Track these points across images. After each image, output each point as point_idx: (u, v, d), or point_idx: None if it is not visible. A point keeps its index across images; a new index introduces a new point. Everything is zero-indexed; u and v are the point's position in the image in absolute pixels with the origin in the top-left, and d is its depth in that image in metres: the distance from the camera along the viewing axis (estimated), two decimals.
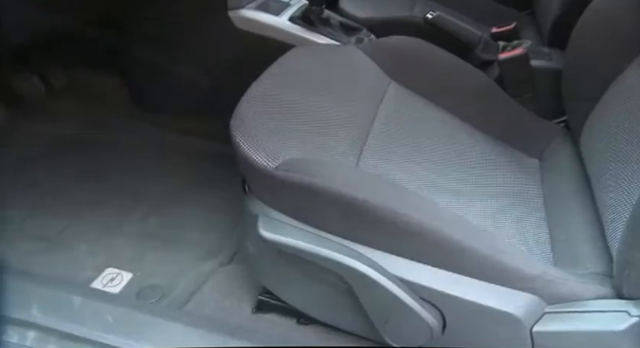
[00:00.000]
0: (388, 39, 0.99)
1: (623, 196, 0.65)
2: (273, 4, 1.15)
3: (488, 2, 1.52)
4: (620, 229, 0.61)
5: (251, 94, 0.78)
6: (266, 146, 0.67)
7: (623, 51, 0.83)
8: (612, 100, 0.82)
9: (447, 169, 0.80)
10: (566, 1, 1.15)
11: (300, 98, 0.79)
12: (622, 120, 0.76)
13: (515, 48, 1.00)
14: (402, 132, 0.83)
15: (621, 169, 0.68)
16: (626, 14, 0.85)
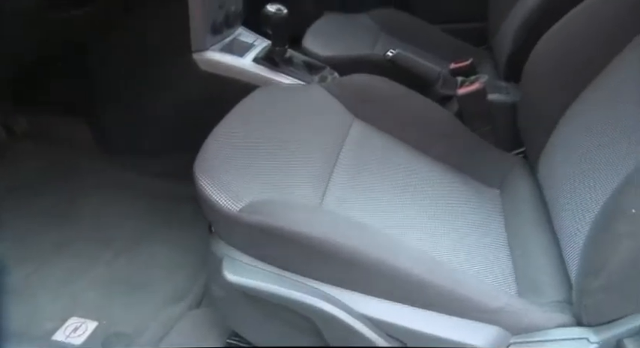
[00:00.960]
0: (351, 77, 1.02)
1: (579, 225, 0.67)
2: (237, 46, 1.18)
3: (447, 38, 1.57)
4: (577, 256, 0.63)
5: (215, 136, 0.79)
6: (230, 189, 0.68)
7: (575, 79, 0.86)
8: (567, 128, 0.85)
9: (410, 204, 0.82)
10: (518, 36, 1.21)
11: (264, 139, 0.80)
12: (577, 148, 0.79)
13: (473, 83, 1.04)
14: (365, 168, 0.84)
15: (576, 199, 0.71)
16: (576, 43, 0.89)
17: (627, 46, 0.81)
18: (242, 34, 1.23)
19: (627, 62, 0.80)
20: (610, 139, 0.72)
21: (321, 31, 1.42)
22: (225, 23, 1.14)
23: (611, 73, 0.82)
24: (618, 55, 0.81)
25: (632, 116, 0.69)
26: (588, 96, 0.84)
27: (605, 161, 0.70)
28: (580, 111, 0.84)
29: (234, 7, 1.17)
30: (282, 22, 1.06)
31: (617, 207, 0.53)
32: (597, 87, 0.83)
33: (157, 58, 1.13)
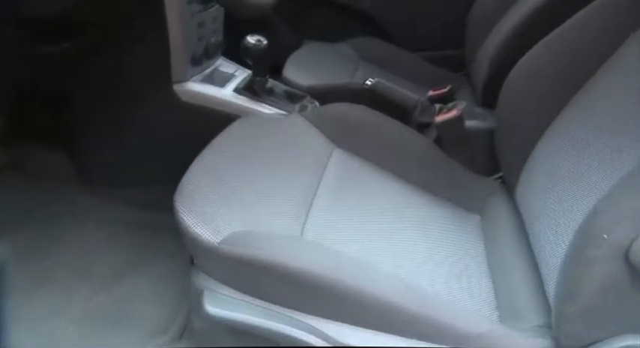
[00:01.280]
0: (330, 106, 1.04)
1: (556, 250, 0.68)
2: (217, 76, 1.19)
3: (426, 65, 1.61)
4: (555, 281, 0.64)
5: (196, 167, 0.79)
6: (210, 221, 0.68)
7: (547, 106, 0.89)
8: (542, 154, 0.87)
9: (391, 231, 0.82)
10: (494, 64, 1.24)
11: (244, 170, 0.81)
12: (552, 173, 0.80)
13: (451, 110, 1.05)
14: (346, 197, 0.85)
15: (553, 223, 0.72)
16: (547, 71, 0.92)
17: (600, 69, 0.84)
18: (222, 64, 1.24)
19: (595, 92, 0.82)
20: (584, 165, 0.74)
21: (301, 60, 1.44)
22: (205, 54, 1.15)
23: (582, 99, 0.84)
24: (583, 87, 0.83)
25: (606, 146, 0.71)
26: (561, 122, 0.86)
27: (579, 187, 0.71)
28: (554, 136, 0.86)
29: (215, 38, 1.19)
30: (262, 53, 1.07)
31: (589, 232, 0.54)
32: (570, 113, 0.85)
33: (137, 90, 1.14)
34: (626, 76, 0.79)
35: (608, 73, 0.83)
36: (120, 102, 1.16)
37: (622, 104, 0.75)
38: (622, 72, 0.80)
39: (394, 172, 0.95)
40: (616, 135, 0.71)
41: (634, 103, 0.72)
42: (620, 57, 0.82)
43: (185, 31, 1.07)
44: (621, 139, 0.69)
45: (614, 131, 0.71)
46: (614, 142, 0.71)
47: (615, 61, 0.82)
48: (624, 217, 0.51)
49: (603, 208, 0.55)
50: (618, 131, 0.70)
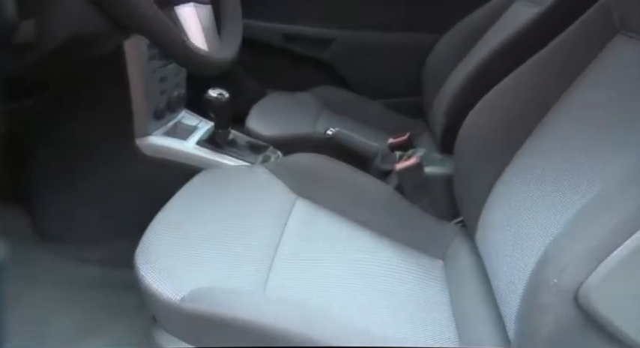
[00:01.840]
0: (293, 157, 1.05)
1: (515, 292, 0.69)
2: (180, 129, 1.20)
3: (387, 112, 1.66)
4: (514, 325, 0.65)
5: (157, 222, 0.79)
6: (171, 277, 0.67)
7: (502, 153, 0.92)
8: (498, 199, 0.89)
9: (354, 280, 0.82)
10: (450, 110, 1.28)
11: (206, 224, 0.80)
12: (508, 217, 0.83)
13: (410, 157, 1.08)
14: (309, 247, 0.86)
15: (510, 266, 0.73)
16: (499, 117, 0.95)
17: (547, 115, 0.88)
18: (185, 117, 1.25)
19: (546, 136, 0.86)
20: (537, 207, 0.76)
21: (264, 110, 1.47)
22: (168, 108, 1.17)
23: (534, 143, 0.88)
24: (534, 131, 0.87)
25: (555, 189, 0.74)
26: (516, 166, 0.89)
27: (533, 228, 0.73)
28: (509, 179, 0.89)
29: (177, 92, 1.20)
30: (224, 106, 1.09)
31: (540, 278, 0.56)
32: (523, 157, 0.88)
33: (99, 145, 1.13)
34: (572, 120, 0.83)
35: (556, 118, 0.87)
36: (81, 157, 1.15)
37: (569, 148, 0.79)
38: (569, 116, 0.84)
39: (357, 220, 0.96)
40: (563, 179, 0.74)
41: (578, 148, 0.76)
42: (566, 100, 0.86)
43: (147, 87, 1.08)
44: (567, 183, 0.72)
45: (560, 175, 0.74)
46: (561, 185, 0.74)
47: (562, 104, 0.87)
48: (571, 262, 0.53)
49: (551, 253, 0.57)
50: (564, 176, 0.73)
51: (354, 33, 1.74)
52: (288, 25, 1.76)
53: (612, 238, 0.53)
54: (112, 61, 1.04)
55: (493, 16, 1.48)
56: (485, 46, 1.34)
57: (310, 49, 1.76)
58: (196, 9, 0.76)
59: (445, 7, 1.69)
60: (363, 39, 1.74)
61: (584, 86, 0.84)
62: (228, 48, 0.85)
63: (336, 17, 1.75)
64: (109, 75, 1.08)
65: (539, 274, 0.56)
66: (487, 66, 1.23)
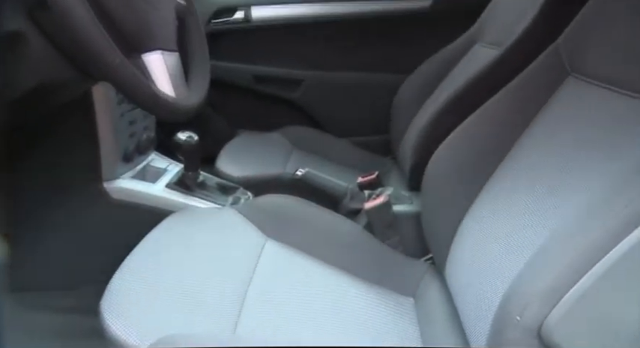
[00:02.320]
0: (262, 198, 1.06)
1: (482, 327, 0.70)
2: (149, 172, 1.20)
3: (356, 150, 1.68)
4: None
5: (124, 269, 0.78)
6: (137, 325, 0.66)
7: (468, 189, 0.94)
8: (464, 238, 0.91)
9: (325, 321, 0.82)
10: (417, 148, 1.30)
11: (174, 269, 0.80)
12: (475, 254, 0.84)
13: (379, 196, 1.10)
14: (279, 289, 0.85)
15: (478, 304, 0.74)
16: (465, 154, 0.98)
17: (509, 153, 0.91)
18: (154, 159, 1.25)
19: (511, 171, 0.88)
20: (502, 242, 0.78)
21: (234, 151, 1.48)
22: (137, 151, 1.16)
23: (498, 181, 0.90)
24: (498, 168, 0.90)
25: (521, 225, 0.76)
26: (480, 204, 0.91)
27: (498, 266, 0.75)
28: (475, 218, 0.90)
29: (146, 135, 1.20)
30: (193, 148, 1.10)
31: (504, 315, 0.57)
32: (487, 196, 0.91)
33: (65, 189, 1.12)
34: (532, 159, 0.85)
35: (518, 156, 0.89)
36: (46, 202, 1.14)
37: (532, 186, 0.81)
38: (530, 154, 0.87)
39: (327, 260, 0.96)
40: (526, 216, 0.76)
41: (540, 186, 0.78)
42: (527, 138, 0.89)
43: (115, 131, 1.08)
44: (530, 220, 0.74)
45: (523, 213, 0.76)
46: (525, 222, 0.76)
47: (523, 142, 0.90)
48: (533, 299, 0.54)
49: (514, 290, 0.58)
50: (527, 213, 0.75)
51: (323, 73, 1.79)
52: (258, 66, 1.79)
53: (572, 274, 0.54)
54: (80, 106, 1.04)
55: (456, 58, 1.53)
56: (449, 86, 1.38)
57: (280, 89, 1.79)
58: (163, 56, 0.77)
59: (410, 49, 1.75)
60: (332, 79, 1.79)
61: (542, 126, 0.87)
62: (196, 94, 0.86)
63: (304, 59, 1.79)
64: (76, 119, 1.07)
65: (504, 311, 0.57)
66: (451, 105, 1.27)
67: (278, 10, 1.77)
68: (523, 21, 1.22)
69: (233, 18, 1.75)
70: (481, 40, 1.47)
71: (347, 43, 1.80)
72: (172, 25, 0.84)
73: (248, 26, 1.76)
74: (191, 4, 0.97)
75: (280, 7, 1.77)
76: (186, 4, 0.94)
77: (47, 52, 0.68)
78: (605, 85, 0.76)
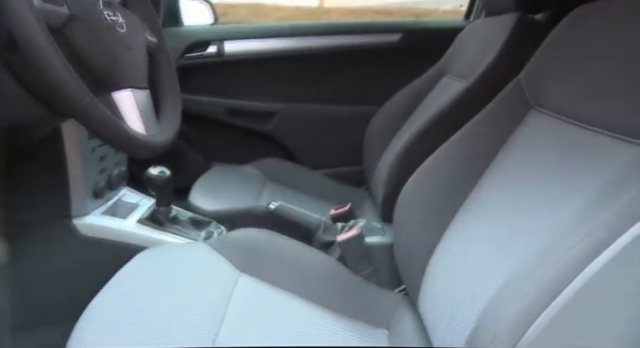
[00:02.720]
0: (235, 232, 1.05)
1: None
2: (121, 207, 1.18)
3: (329, 182, 1.69)
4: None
5: (92, 308, 0.77)
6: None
7: (437, 221, 0.95)
8: (434, 268, 0.91)
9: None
10: (389, 179, 1.32)
11: (145, 307, 0.79)
12: (449, 280, 0.85)
13: (352, 228, 1.11)
14: (252, 325, 0.84)
15: (448, 338, 0.75)
16: (433, 187, 0.99)
17: (478, 183, 0.93)
18: (126, 194, 1.24)
19: (480, 202, 0.90)
20: (473, 272, 0.79)
21: (207, 184, 1.48)
22: (108, 187, 1.15)
23: (469, 211, 0.92)
24: (470, 196, 0.92)
25: (490, 254, 0.77)
26: (451, 235, 0.93)
27: (468, 297, 0.75)
28: (446, 248, 0.92)
29: (118, 170, 1.20)
30: (165, 184, 1.09)
31: (474, 345, 0.57)
32: (458, 225, 0.92)
33: (33, 226, 1.10)
34: (500, 190, 0.87)
35: (485, 187, 0.91)
36: (16, 239, 1.11)
37: (500, 217, 0.83)
38: (497, 185, 0.89)
39: (300, 294, 0.96)
40: (495, 244, 0.77)
41: (508, 217, 0.80)
42: (494, 169, 0.91)
43: (85, 166, 1.07)
44: (499, 249, 0.76)
45: (491, 244, 0.78)
46: (494, 251, 0.77)
47: (491, 172, 0.92)
48: (502, 328, 0.55)
49: (484, 321, 0.59)
50: (494, 245, 0.77)
51: (296, 106, 1.81)
52: (231, 99, 1.80)
53: (539, 302, 0.55)
54: (49, 142, 1.03)
55: (425, 90, 1.57)
56: (419, 118, 1.41)
57: (253, 122, 1.80)
58: (134, 93, 0.78)
59: (381, 81, 1.79)
60: (305, 112, 1.81)
61: (507, 158, 0.89)
62: (167, 130, 0.87)
63: (277, 92, 1.82)
64: (45, 155, 1.06)
65: (474, 342, 0.58)
66: (421, 137, 1.29)
67: (250, 45, 1.80)
68: (488, 54, 1.27)
69: (206, 52, 1.77)
70: (449, 72, 1.51)
71: (319, 76, 1.83)
72: (143, 62, 0.84)
73: (221, 60, 1.78)
74: (162, 41, 0.98)
75: (253, 42, 1.80)
76: (157, 42, 0.95)
77: (17, 91, 0.68)
78: (564, 118, 0.79)
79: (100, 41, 0.73)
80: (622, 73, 0.71)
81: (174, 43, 1.72)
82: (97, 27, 0.72)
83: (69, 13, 0.68)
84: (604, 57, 0.77)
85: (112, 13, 0.76)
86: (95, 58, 0.71)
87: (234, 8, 9.11)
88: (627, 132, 0.65)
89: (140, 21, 0.89)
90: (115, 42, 0.75)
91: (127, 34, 0.79)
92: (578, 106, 0.78)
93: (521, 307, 0.56)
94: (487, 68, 1.24)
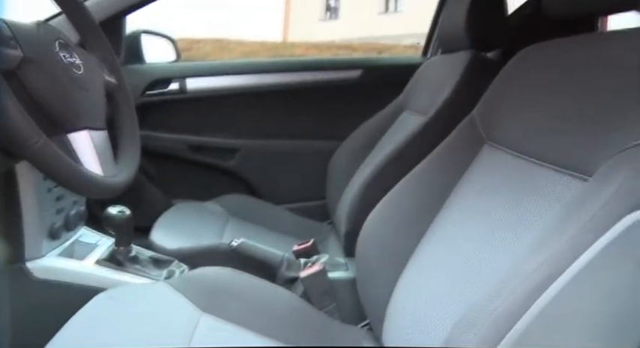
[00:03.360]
0: (197, 271, 1.04)
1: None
2: (78, 248, 1.15)
3: (293, 217, 1.69)
4: None
5: None
6: None
7: (400, 249, 0.96)
8: (401, 296, 0.92)
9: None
10: (351, 214, 1.33)
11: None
12: (408, 316, 0.85)
13: (315, 264, 1.11)
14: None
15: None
16: (392, 221, 1.00)
17: (436, 217, 0.94)
18: (84, 234, 1.21)
19: (438, 236, 0.92)
20: (434, 309, 0.80)
21: (169, 222, 1.46)
22: (64, 227, 1.12)
23: (429, 244, 0.93)
24: (429, 229, 0.93)
25: (452, 288, 0.78)
26: (413, 269, 0.94)
27: (434, 332, 0.76)
28: (408, 283, 0.92)
29: (75, 210, 1.17)
30: (124, 223, 1.07)
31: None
32: (419, 259, 0.93)
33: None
34: (456, 224, 0.89)
35: (443, 221, 0.93)
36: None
37: (457, 252, 0.84)
38: (454, 219, 0.91)
39: (263, 332, 0.94)
40: (451, 278, 0.79)
41: (466, 252, 0.82)
42: (451, 203, 0.93)
43: (41, 207, 1.05)
44: (454, 283, 0.77)
45: (450, 275, 0.79)
46: (450, 286, 0.78)
47: (449, 205, 0.94)
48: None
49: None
50: (453, 276, 0.78)
51: (258, 142, 1.82)
52: (194, 136, 1.80)
53: (493, 336, 0.56)
54: (2, 184, 1.00)
55: (386, 124, 1.60)
56: (380, 152, 1.43)
57: (216, 158, 1.80)
58: (91, 134, 0.77)
59: (342, 116, 1.82)
60: (267, 147, 1.82)
61: (465, 191, 0.92)
62: (125, 171, 0.86)
63: (240, 127, 1.83)
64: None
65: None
66: (382, 171, 1.31)
67: (213, 81, 1.81)
68: (444, 91, 1.31)
69: (168, 89, 1.78)
70: (408, 108, 1.55)
71: (281, 111, 1.85)
72: (101, 103, 0.84)
73: (183, 97, 1.79)
74: (121, 80, 0.98)
75: (215, 78, 1.81)
76: (116, 82, 0.95)
77: None
78: (516, 153, 0.82)
79: (56, 83, 0.72)
80: (566, 110, 0.75)
81: (136, 80, 1.71)
82: (53, 69, 0.72)
83: (23, 56, 0.68)
84: (549, 94, 0.81)
85: (68, 55, 0.76)
86: (50, 100, 0.70)
87: (199, 43, 9.20)
88: (574, 167, 0.68)
89: (98, 61, 0.90)
90: (71, 84, 0.74)
91: (84, 75, 0.78)
92: (527, 141, 0.81)
93: (476, 342, 0.57)
94: (443, 104, 1.28)
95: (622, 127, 0.60)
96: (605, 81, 0.69)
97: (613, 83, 0.67)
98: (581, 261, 0.52)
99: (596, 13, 0.87)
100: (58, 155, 0.66)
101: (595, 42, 0.79)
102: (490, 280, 0.68)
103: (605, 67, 0.71)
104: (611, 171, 0.58)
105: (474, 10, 1.31)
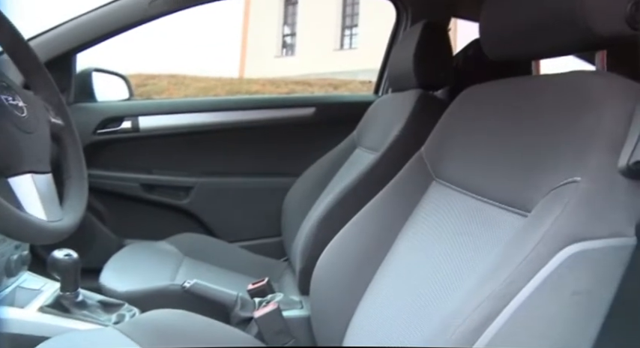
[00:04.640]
0: (148, 314, 1.01)
1: None
2: (20, 295, 1.10)
3: (248, 255, 1.67)
4: None
5: None
6: None
7: (352, 289, 0.96)
8: (354, 334, 0.92)
9: None
10: (305, 251, 1.32)
11: None
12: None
13: (269, 303, 1.09)
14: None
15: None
16: (347, 254, 1.01)
17: (389, 253, 0.95)
18: (27, 280, 1.16)
19: (390, 271, 0.93)
20: (391, 342, 0.80)
21: (120, 263, 1.42)
22: (5, 273, 1.07)
23: (381, 280, 0.94)
24: (384, 261, 0.94)
25: (411, 321, 0.79)
26: (366, 306, 0.94)
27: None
28: (361, 321, 0.93)
29: (17, 254, 1.12)
30: (71, 267, 1.04)
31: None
32: (372, 296, 0.94)
33: None
34: (408, 259, 0.91)
35: (395, 257, 0.94)
36: None
37: (409, 285, 0.85)
38: (406, 255, 0.92)
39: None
40: (404, 312, 0.80)
41: (415, 285, 0.83)
42: (401, 239, 0.95)
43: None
44: (409, 318, 0.78)
45: (403, 309, 0.80)
46: (405, 320, 0.79)
47: (400, 242, 0.95)
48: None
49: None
50: (408, 309, 0.79)
51: (212, 180, 1.81)
52: (146, 174, 1.78)
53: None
54: None
55: (339, 161, 1.63)
56: (333, 189, 1.45)
57: (169, 196, 1.78)
58: (33, 178, 0.75)
59: (296, 154, 1.83)
60: (222, 185, 1.81)
61: (415, 227, 0.94)
62: (71, 215, 0.84)
63: (193, 165, 1.81)
64: None
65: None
66: (335, 207, 1.32)
67: (166, 119, 1.80)
68: (394, 128, 1.34)
69: (120, 127, 1.75)
70: (361, 145, 1.58)
71: (235, 149, 1.85)
72: (46, 145, 0.82)
73: (136, 135, 1.76)
74: (68, 121, 0.96)
75: (168, 116, 1.80)
76: (62, 123, 0.93)
77: None
78: (461, 189, 0.85)
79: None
80: (504, 150, 0.78)
81: (87, 119, 1.69)
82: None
83: None
84: (488, 135, 0.84)
85: (11, 97, 0.75)
86: None
87: (154, 79, 9.14)
88: (514, 204, 0.71)
89: (44, 103, 0.88)
90: (13, 127, 0.73)
91: (28, 117, 0.77)
92: (472, 179, 0.84)
93: None
94: (393, 142, 1.31)
95: (552, 167, 0.63)
96: (537, 122, 0.73)
97: (543, 124, 0.71)
98: (519, 298, 0.53)
99: (530, 57, 0.92)
100: None
101: (528, 84, 0.83)
102: (436, 319, 0.69)
103: (536, 110, 0.75)
104: (545, 209, 0.61)
105: (421, 51, 1.36)
